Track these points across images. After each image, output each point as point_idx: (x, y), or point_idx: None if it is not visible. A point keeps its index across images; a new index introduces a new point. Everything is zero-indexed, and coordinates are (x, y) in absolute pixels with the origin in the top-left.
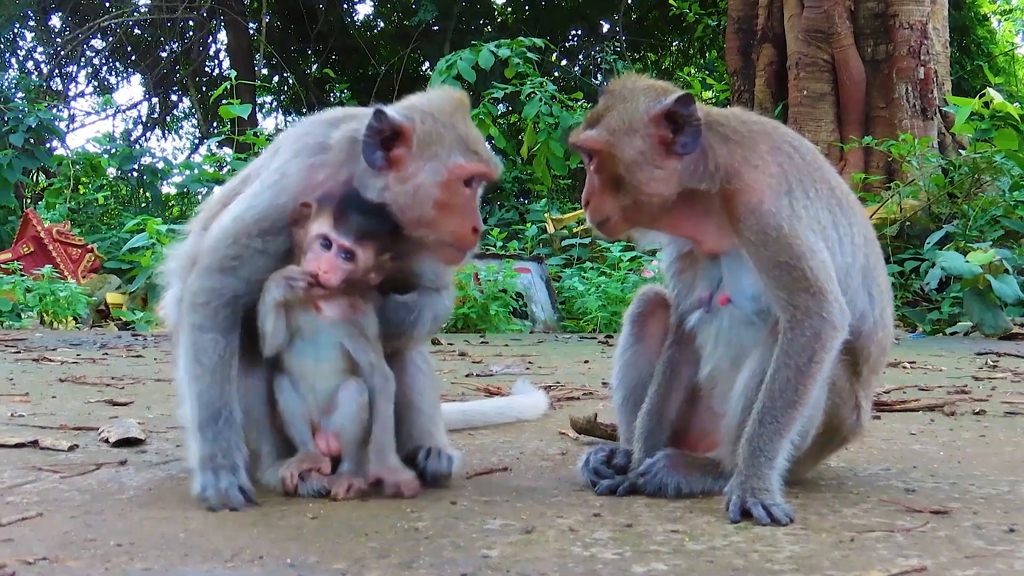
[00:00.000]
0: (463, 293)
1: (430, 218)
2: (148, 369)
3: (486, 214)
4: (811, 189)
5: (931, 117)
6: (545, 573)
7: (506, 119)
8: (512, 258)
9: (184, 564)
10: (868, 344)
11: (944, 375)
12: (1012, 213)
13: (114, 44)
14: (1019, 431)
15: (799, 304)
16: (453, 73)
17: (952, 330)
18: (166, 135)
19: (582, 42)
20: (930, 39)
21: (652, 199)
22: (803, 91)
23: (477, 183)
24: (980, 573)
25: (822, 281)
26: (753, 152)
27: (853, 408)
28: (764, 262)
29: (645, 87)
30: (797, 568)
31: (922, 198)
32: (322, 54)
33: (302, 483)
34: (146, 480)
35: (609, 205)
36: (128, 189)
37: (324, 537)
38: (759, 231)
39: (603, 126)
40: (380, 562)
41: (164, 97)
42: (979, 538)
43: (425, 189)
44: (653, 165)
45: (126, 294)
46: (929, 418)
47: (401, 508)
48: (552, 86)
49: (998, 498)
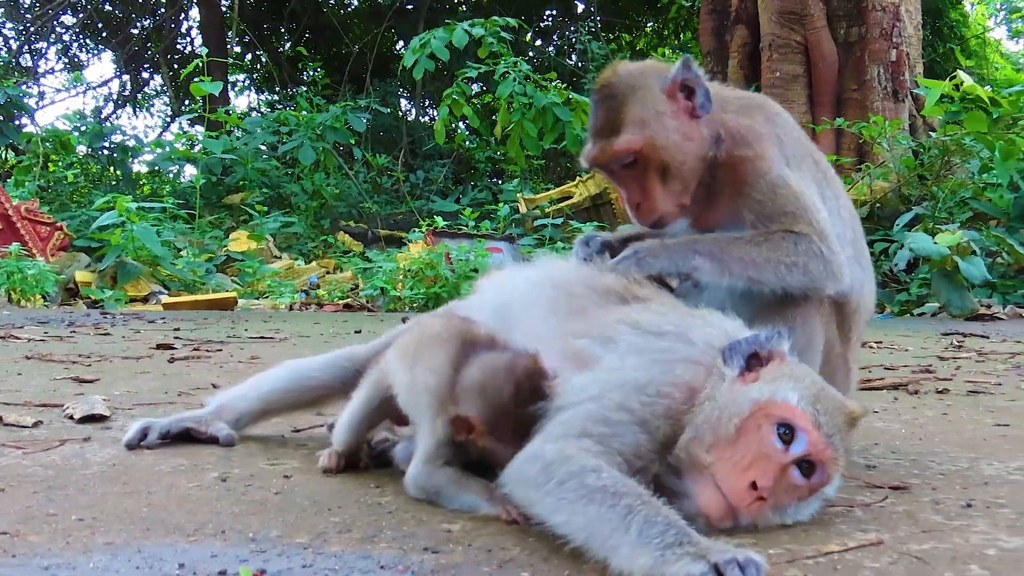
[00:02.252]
0: (435, 272)
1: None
2: (116, 347)
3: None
4: (802, 162)
5: (902, 99)
6: (506, 547)
7: (480, 99)
8: (484, 237)
9: (146, 538)
10: (859, 312)
11: (910, 355)
12: (981, 195)
13: (84, 20)
14: (981, 409)
15: (805, 235)
16: (427, 52)
17: (920, 311)
18: (137, 113)
19: (556, 22)
20: (902, 21)
21: (692, 171)
22: (776, 72)
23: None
24: (936, 547)
25: (828, 231)
26: (754, 120)
27: (845, 376)
28: (771, 212)
29: (641, 72)
30: (756, 542)
31: (892, 180)
32: (295, 32)
33: None
34: (110, 456)
35: (661, 199)
36: (98, 167)
37: (287, 512)
38: (768, 189)
39: (632, 124)
40: (342, 536)
41: (135, 74)
42: (937, 513)
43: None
44: (687, 138)
45: (95, 272)
46: (893, 396)
47: (365, 484)
48: (526, 66)
49: (957, 474)
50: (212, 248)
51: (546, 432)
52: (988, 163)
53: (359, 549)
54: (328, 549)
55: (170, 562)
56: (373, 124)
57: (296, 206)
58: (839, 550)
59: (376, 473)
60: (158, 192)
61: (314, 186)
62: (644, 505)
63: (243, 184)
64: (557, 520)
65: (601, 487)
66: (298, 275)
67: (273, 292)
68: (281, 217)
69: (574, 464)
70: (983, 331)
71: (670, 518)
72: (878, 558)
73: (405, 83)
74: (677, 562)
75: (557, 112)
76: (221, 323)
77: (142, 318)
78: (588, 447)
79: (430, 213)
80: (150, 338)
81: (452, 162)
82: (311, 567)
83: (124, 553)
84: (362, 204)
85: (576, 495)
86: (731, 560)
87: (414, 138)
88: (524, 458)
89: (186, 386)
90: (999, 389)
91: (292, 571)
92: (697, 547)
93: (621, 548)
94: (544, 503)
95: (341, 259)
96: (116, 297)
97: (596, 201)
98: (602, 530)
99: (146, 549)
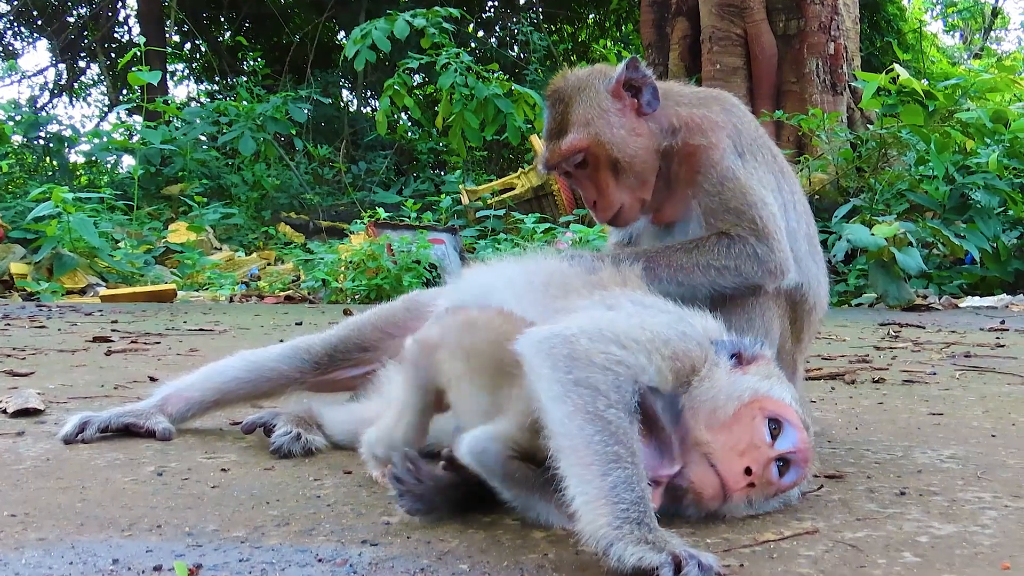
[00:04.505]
0: (376, 264)
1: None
2: (51, 340)
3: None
4: (758, 153)
5: (841, 92)
6: (445, 539)
7: (422, 90)
8: (426, 229)
9: (79, 533)
10: (813, 309)
11: (847, 345)
12: (917, 187)
13: (19, 8)
14: (916, 398)
15: (740, 237)
16: (368, 43)
17: (858, 301)
18: (74, 102)
19: (498, 13)
20: (840, 15)
21: (645, 165)
22: (716, 65)
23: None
24: (871, 535)
25: (771, 228)
26: (709, 111)
27: (792, 374)
28: (717, 207)
29: (588, 74)
30: (694, 531)
31: (831, 172)
32: (235, 21)
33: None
34: (44, 451)
35: (615, 193)
36: (34, 157)
37: (224, 506)
38: (717, 181)
39: (577, 124)
40: (280, 530)
41: (72, 63)
42: (872, 501)
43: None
44: (635, 134)
45: (31, 264)
46: (830, 386)
47: (304, 478)
48: (468, 57)
49: (892, 462)
50: (151, 240)
51: (583, 322)
52: (924, 156)
53: (297, 542)
54: (265, 543)
55: (104, 557)
56: (314, 115)
57: (236, 197)
58: (775, 539)
59: (316, 466)
60: (96, 183)
61: (255, 177)
62: (632, 466)
63: (182, 175)
64: (554, 411)
65: (606, 419)
66: (238, 267)
67: (213, 284)
68: (221, 208)
69: (596, 376)
70: (919, 321)
71: (645, 495)
72: (813, 546)
73: (347, 74)
74: (635, 545)
75: (499, 103)
76: (160, 315)
77: (79, 310)
78: (619, 362)
79: (372, 204)
80: (87, 331)
81: (394, 153)
82: (248, 561)
83: (57, 549)
84: (303, 195)
85: (583, 405)
86: (692, 556)
87: (356, 129)
88: (558, 333)
89: (123, 379)
90: (933, 379)
91: (228, 565)
92: (656, 535)
93: (588, 487)
94: (552, 388)
95: (282, 251)
96: (52, 289)
97: (538, 192)
98: (583, 456)
99: (80, 545)
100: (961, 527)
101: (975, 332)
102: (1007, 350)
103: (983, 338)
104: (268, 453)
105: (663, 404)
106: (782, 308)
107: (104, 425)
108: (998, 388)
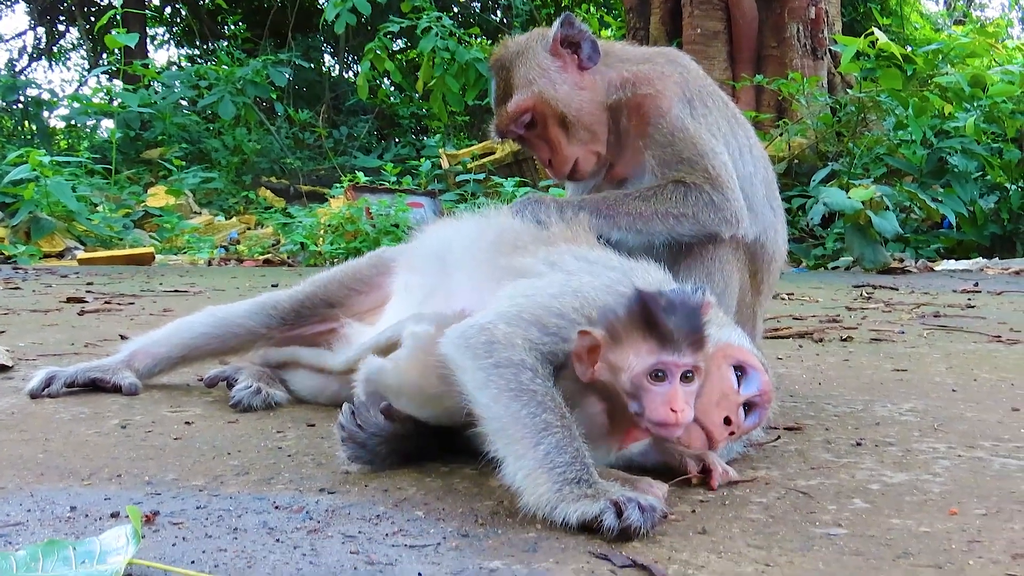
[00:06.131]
0: (355, 227)
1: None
2: (25, 301)
3: (382, 149)
4: (708, 100)
5: (821, 57)
6: (402, 487)
7: (403, 54)
8: (406, 192)
9: (39, 483)
10: (771, 257)
11: (819, 306)
12: (895, 152)
13: None
14: (882, 356)
15: (696, 185)
16: (348, 6)
17: (834, 264)
18: (53, 66)
19: None
20: None
21: (593, 118)
22: (697, 29)
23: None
24: (823, 483)
25: (724, 178)
26: (655, 64)
27: (752, 326)
28: (670, 158)
29: (526, 38)
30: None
31: (810, 136)
32: None
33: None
34: (9, 405)
35: (568, 148)
36: (12, 121)
37: (185, 456)
38: (668, 131)
39: (520, 86)
40: (239, 479)
41: (50, 27)
42: (827, 451)
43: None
44: (578, 87)
45: (8, 227)
46: (798, 344)
47: (267, 430)
48: (449, 21)
49: (851, 415)
50: (130, 203)
51: (501, 308)
52: (903, 120)
53: (255, 491)
54: (224, 491)
55: (62, 505)
56: (295, 79)
57: (216, 161)
58: (728, 485)
59: (280, 419)
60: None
61: (235, 141)
62: (561, 429)
63: (162, 139)
64: (480, 398)
65: (531, 391)
66: (218, 231)
67: (192, 248)
68: (201, 172)
69: (516, 355)
70: (893, 284)
71: (579, 452)
72: (766, 493)
73: (328, 38)
74: (576, 502)
75: (480, 68)
76: (136, 278)
77: (55, 273)
78: (535, 341)
79: (352, 169)
80: (61, 292)
81: (375, 118)
82: (205, 508)
83: (16, 497)
84: (284, 160)
85: (506, 385)
86: (631, 500)
87: (337, 93)
88: (475, 324)
89: (94, 338)
90: (901, 337)
91: (185, 512)
92: (595, 487)
93: (524, 460)
94: (475, 377)
95: (262, 215)
96: (30, 252)
97: (518, 156)
98: (514, 432)
99: (39, 493)
100: (913, 475)
101: (947, 294)
102: (976, 311)
103: (954, 299)
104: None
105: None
106: (741, 260)
107: (70, 380)
108: (963, 346)
